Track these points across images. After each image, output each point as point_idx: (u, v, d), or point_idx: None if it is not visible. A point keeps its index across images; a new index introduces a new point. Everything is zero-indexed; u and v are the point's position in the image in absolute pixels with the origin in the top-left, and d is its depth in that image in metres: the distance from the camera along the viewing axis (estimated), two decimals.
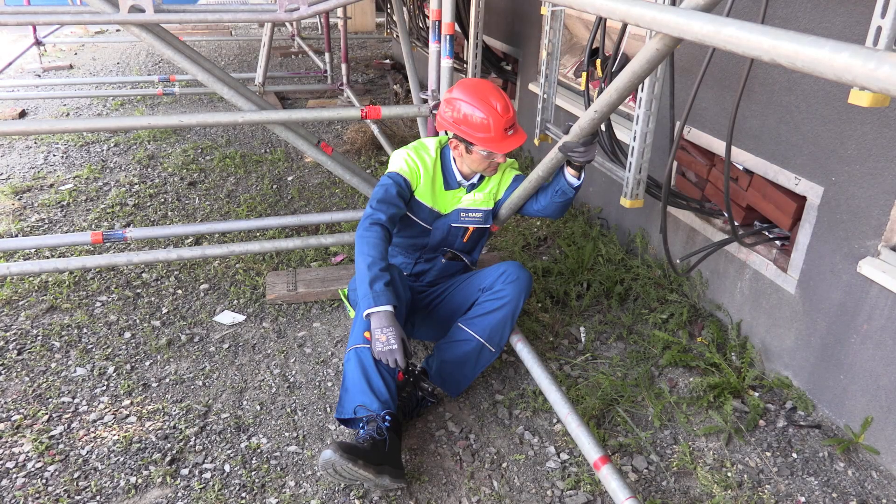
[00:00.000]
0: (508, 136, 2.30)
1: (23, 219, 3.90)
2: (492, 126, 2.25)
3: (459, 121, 2.29)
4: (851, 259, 2.23)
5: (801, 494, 2.11)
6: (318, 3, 2.91)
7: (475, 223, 2.55)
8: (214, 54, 9.13)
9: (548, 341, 2.85)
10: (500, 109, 2.26)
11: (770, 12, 2.40)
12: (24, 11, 2.83)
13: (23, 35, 9.08)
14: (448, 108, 2.32)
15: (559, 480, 2.13)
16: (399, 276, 2.32)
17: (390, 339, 2.06)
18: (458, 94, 2.30)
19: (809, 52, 0.99)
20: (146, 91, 6.19)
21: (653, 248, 3.37)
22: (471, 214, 2.53)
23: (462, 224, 2.54)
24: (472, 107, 2.26)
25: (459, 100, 2.28)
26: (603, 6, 1.49)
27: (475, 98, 2.26)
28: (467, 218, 2.53)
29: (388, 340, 2.06)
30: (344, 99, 6.69)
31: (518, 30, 4.95)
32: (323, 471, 1.92)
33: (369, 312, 2.08)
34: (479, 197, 2.53)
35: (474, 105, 2.26)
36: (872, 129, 2.10)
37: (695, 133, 2.92)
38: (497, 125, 2.25)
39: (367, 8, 9.55)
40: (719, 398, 2.47)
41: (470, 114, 2.26)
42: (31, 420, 2.32)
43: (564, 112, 4.05)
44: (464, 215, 2.52)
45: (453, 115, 2.31)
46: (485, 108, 2.25)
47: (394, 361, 2.06)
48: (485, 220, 2.56)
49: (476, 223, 2.56)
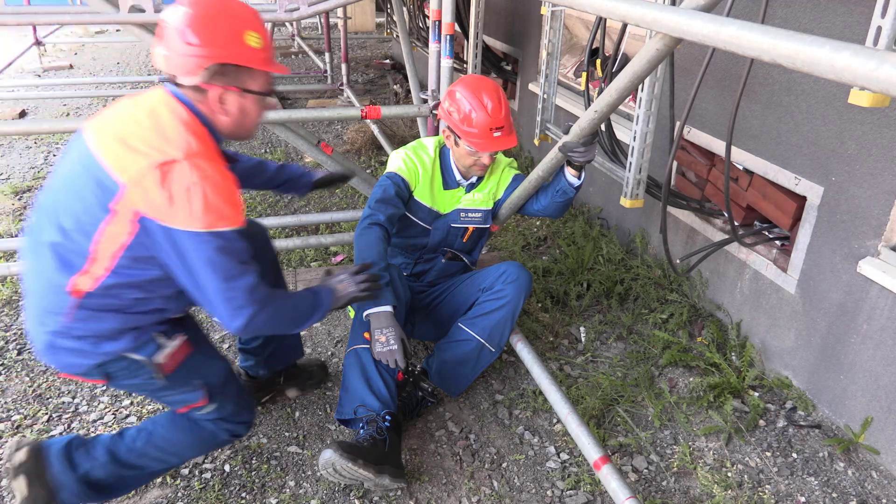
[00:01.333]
0: (494, 137, 2.29)
1: (23, 219, 3.90)
2: (477, 122, 2.26)
3: (453, 111, 2.32)
4: (851, 259, 2.24)
5: (801, 494, 2.11)
6: (318, 3, 2.91)
7: (475, 223, 2.56)
8: None
9: (548, 341, 2.85)
10: (491, 109, 2.26)
11: (770, 12, 2.40)
12: (24, 11, 2.84)
13: (23, 35, 9.08)
14: (448, 98, 2.35)
15: (559, 480, 2.13)
16: (399, 275, 2.31)
17: (390, 340, 2.06)
18: (459, 87, 2.33)
19: (809, 52, 0.99)
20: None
21: (653, 248, 3.38)
22: (470, 214, 2.53)
23: (462, 224, 2.54)
24: (465, 100, 2.28)
25: (458, 91, 2.31)
26: (603, 6, 1.49)
27: (471, 92, 2.28)
28: (467, 218, 2.53)
29: (388, 341, 2.06)
30: (344, 99, 6.69)
31: (518, 30, 4.95)
32: (323, 470, 1.92)
33: (369, 313, 2.08)
34: (478, 197, 2.53)
35: (467, 99, 2.28)
36: (872, 129, 2.10)
37: (695, 133, 2.92)
38: (483, 122, 2.26)
39: (367, 8, 9.56)
40: (719, 398, 2.47)
41: (462, 106, 2.29)
42: (31, 420, 2.32)
43: (564, 112, 4.05)
44: (463, 215, 2.53)
45: (450, 105, 2.33)
46: (476, 103, 2.26)
47: (393, 362, 2.06)
48: (484, 220, 2.56)
49: (476, 223, 2.56)
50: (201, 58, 1.58)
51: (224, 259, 1.56)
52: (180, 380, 1.77)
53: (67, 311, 1.60)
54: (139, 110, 1.64)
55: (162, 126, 1.58)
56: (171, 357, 1.72)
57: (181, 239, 1.53)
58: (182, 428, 1.89)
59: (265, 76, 1.70)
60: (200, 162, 1.54)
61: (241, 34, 1.61)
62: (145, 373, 1.71)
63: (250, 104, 1.70)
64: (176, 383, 1.77)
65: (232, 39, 1.60)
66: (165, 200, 1.51)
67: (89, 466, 1.80)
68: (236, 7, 1.65)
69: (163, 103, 1.63)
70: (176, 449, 1.90)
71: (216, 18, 1.60)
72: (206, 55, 1.58)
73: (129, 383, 1.75)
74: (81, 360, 1.65)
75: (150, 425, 1.90)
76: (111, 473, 1.83)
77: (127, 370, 1.69)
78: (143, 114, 1.62)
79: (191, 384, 1.79)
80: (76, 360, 1.65)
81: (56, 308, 1.60)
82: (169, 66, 1.62)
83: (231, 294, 1.58)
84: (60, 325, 1.61)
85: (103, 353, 1.65)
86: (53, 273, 1.59)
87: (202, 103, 1.66)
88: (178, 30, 1.57)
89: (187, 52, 1.58)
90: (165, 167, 1.51)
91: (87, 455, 1.81)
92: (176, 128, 1.58)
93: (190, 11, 1.58)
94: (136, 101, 1.68)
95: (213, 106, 1.66)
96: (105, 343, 1.64)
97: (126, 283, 1.61)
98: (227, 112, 1.67)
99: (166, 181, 1.51)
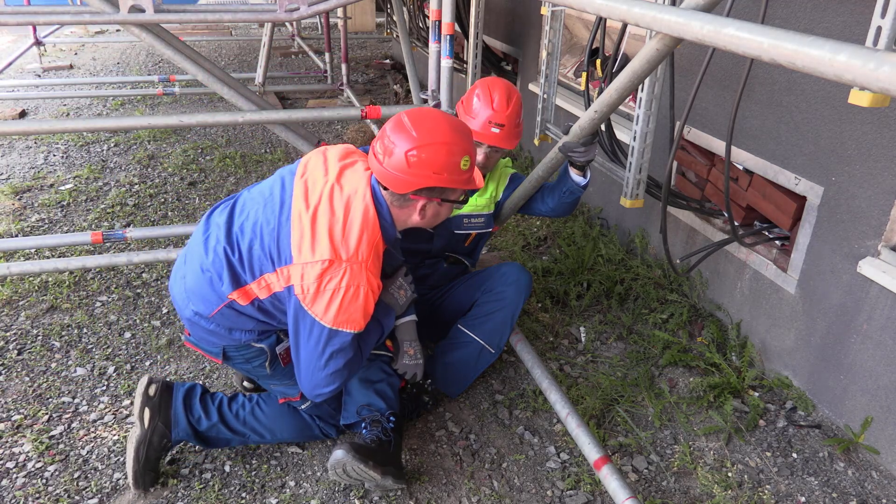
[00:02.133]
0: (490, 130, 2.31)
1: (23, 219, 3.90)
2: (477, 110, 2.32)
3: (466, 102, 2.40)
4: (851, 259, 2.23)
5: (801, 494, 2.11)
6: (318, 3, 2.90)
7: (478, 228, 2.54)
8: (214, 54, 9.13)
9: (548, 341, 2.85)
10: (496, 103, 2.30)
11: (770, 12, 2.40)
12: (24, 11, 2.83)
13: (23, 35, 9.07)
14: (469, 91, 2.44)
15: (559, 480, 2.13)
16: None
17: (417, 354, 2.11)
18: (481, 82, 2.40)
19: (809, 52, 0.99)
20: (146, 91, 6.19)
21: (653, 248, 3.37)
22: (473, 220, 2.52)
23: (465, 231, 2.52)
24: (478, 91, 2.35)
25: (479, 86, 2.39)
26: (603, 6, 1.49)
27: (485, 87, 2.36)
28: (470, 224, 2.52)
29: (416, 354, 2.11)
30: (344, 99, 6.69)
31: (518, 30, 4.95)
32: (332, 470, 1.92)
33: (399, 323, 2.11)
34: (480, 201, 2.51)
35: (481, 90, 2.35)
36: (872, 129, 2.10)
37: (695, 133, 2.92)
38: (484, 112, 2.30)
39: (367, 8, 9.54)
40: (719, 398, 2.47)
41: (471, 95, 2.38)
42: (31, 420, 2.32)
43: (564, 112, 4.05)
44: (466, 221, 2.50)
45: (466, 99, 2.42)
46: (485, 95, 2.33)
47: (413, 375, 2.11)
48: (487, 225, 2.55)
49: (479, 228, 2.54)
50: (419, 180, 1.70)
51: (329, 355, 1.76)
52: (285, 374, 2.00)
53: (218, 307, 1.82)
54: (339, 196, 1.75)
55: (347, 224, 1.71)
56: (287, 352, 1.93)
57: (307, 321, 1.72)
58: (283, 411, 2.14)
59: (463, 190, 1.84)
60: (359, 270, 1.69)
61: (458, 163, 1.74)
62: (259, 361, 1.93)
63: (444, 210, 1.86)
64: (281, 376, 2.01)
65: (449, 168, 1.73)
66: (315, 289, 1.68)
67: (199, 416, 2.06)
68: (456, 131, 1.75)
69: (360, 198, 1.75)
70: (274, 427, 2.13)
71: (439, 148, 1.70)
72: (423, 180, 1.71)
73: (242, 367, 2.00)
74: (214, 339, 1.89)
75: (259, 399, 2.15)
76: (215, 430, 2.07)
77: (245, 355, 1.92)
78: (340, 202, 1.74)
79: (292, 380, 1.98)
80: (208, 338, 1.89)
81: (210, 299, 1.82)
82: (382, 176, 1.73)
83: (318, 380, 1.81)
84: (206, 312, 1.83)
85: (233, 339, 1.88)
86: (222, 277, 1.80)
87: (398, 208, 1.79)
88: (402, 152, 1.68)
89: (407, 172, 1.69)
90: (329, 264, 1.67)
91: (202, 406, 2.08)
92: (356, 229, 1.71)
93: (416, 136, 1.69)
94: (344, 179, 1.79)
95: (412, 211, 1.80)
96: (237, 332, 1.87)
97: (269, 311, 1.83)
98: (423, 216, 1.82)
99: (324, 275, 1.67)
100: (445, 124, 1.74)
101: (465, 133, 1.79)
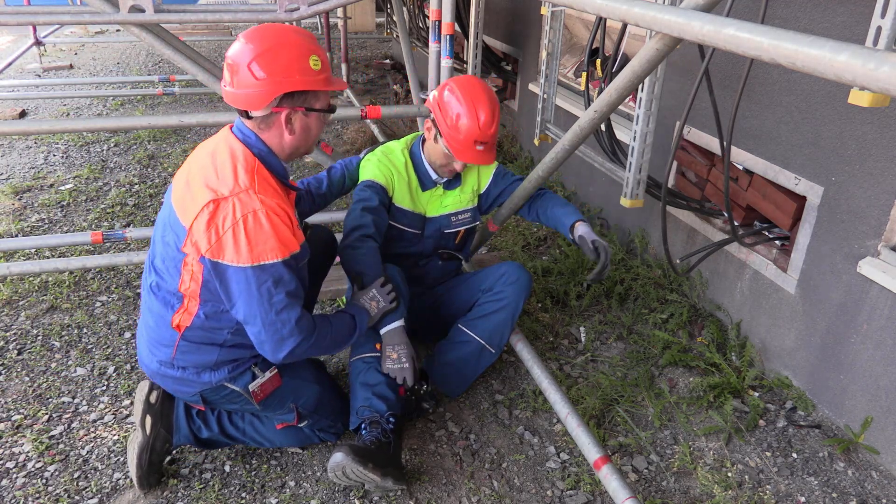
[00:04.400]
0: (476, 150, 2.23)
1: (23, 219, 3.90)
2: (464, 130, 2.19)
3: (443, 107, 2.24)
4: (851, 259, 2.23)
5: (801, 494, 2.11)
6: (318, 3, 2.91)
7: (465, 224, 2.53)
8: (214, 54, 9.13)
9: (548, 341, 2.85)
10: (482, 122, 2.18)
11: (770, 12, 2.40)
12: (24, 11, 2.83)
13: (23, 35, 9.08)
14: (443, 92, 2.27)
15: (559, 480, 2.13)
16: (399, 273, 2.27)
17: (402, 357, 2.09)
18: (458, 86, 2.24)
19: (809, 52, 0.99)
20: (146, 91, 6.19)
21: (653, 248, 3.37)
22: (460, 216, 2.50)
23: (454, 229, 2.51)
24: (460, 102, 2.20)
25: (456, 90, 2.23)
26: (603, 6, 1.49)
27: (468, 97, 2.20)
28: (457, 221, 2.50)
29: (400, 358, 2.09)
30: (344, 99, 6.69)
31: (518, 30, 4.95)
32: (331, 472, 1.91)
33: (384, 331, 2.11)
34: (463, 197, 2.49)
35: (463, 102, 2.19)
36: (872, 129, 2.10)
37: (695, 133, 2.92)
38: (470, 133, 2.19)
39: (367, 8, 9.54)
40: (719, 398, 2.47)
41: (453, 107, 2.21)
42: (31, 420, 2.32)
43: (564, 112, 4.05)
44: (454, 219, 2.49)
45: (441, 99, 2.25)
46: (470, 111, 2.18)
47: (402, 379, 2.09)
48: (473, 219, 2.54)
49: (466, 224, 2.53)
50: (270, 89, 1.68)
51: (269, 293, 1.67)
52: (274, 404, 2.00)
53: (174, 343, 1.80)
54: (203, 152, 1.78)
55: (217, 166, 1.70)
56: (262, 387, 1.92)
57: (228, 273, 1.66)
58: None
59: (326, 94, 1.82)
60: (248, 197, 1.65)
61: (303, 61, 1.71)
62: (242, 399, 1.93)
63: (313, 122, 1.82)
64: (270, 407, 2.00)
65: (296, 68, 1.70)
66: (213, 236, 1.64)
67: (200, 425, 2.07)
68: (294, 35, 1.74)
69: (222, 141, 1.76)
70: (273, 438, 2.13)
71: (279, 50, 1.69)
72: (274, 87, 1.68)
73: (230, 406, 2.00)
74: (185, 388, 1.88)
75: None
76: (215, 437, 2.09)
77: (227, 397, 1.92)
78: (206, 155, 1.75)
79: (285, 407, 2.02)
80: (180, 388, 1.88)
81: (164, 340, 1.81)
82: (238, 101, 1.72)
83: (276, 327, 1.71)
84: (167, 356, 1.82)
85: (204, 383, 1.86)
86: (160, 310, 1.80)
87: (266, 131, 1.77)
88: (245, 66, 1.67)
89: (256, 86, 1.67)
90: (214, 206, 1.64)
91: (202, 418, 2.08)
92: (228, 166, 1.69)
93: (253, 47, 1.68)
94: (206, 142, 1.82)
95: (280, 129, 1.76)
96: (205, 373, 1.85)
97: (215, 318, 1.77)
98: (292, 131, 1.78)
99: (213, 219, 1.64)
100: (285, 28, 1.76)
101: (308, 35, 1.78)
